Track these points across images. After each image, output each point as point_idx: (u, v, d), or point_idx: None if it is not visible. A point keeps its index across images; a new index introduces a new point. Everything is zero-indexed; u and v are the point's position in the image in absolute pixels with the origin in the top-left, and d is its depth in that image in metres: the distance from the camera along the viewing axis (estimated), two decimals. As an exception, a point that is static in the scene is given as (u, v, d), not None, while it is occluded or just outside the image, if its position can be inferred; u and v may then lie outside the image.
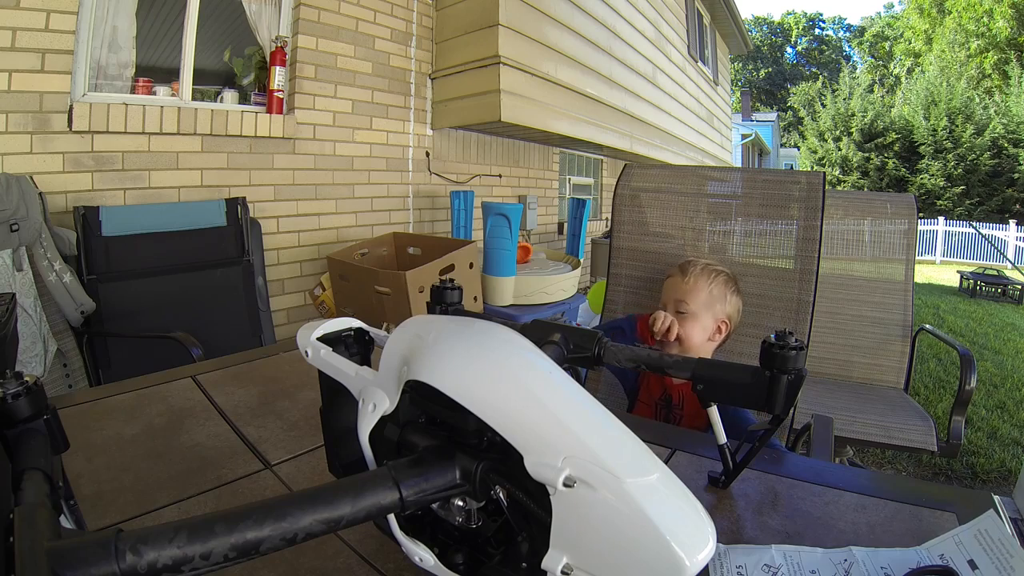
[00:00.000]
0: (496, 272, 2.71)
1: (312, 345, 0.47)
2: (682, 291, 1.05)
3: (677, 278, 1.07)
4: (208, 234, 2.11)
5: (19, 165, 1.81)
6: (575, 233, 3.52)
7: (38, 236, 1.64)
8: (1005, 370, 3.84)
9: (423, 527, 0.42)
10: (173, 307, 1.99)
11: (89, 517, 0.53)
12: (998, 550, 0.47)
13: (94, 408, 0.80)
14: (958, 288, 7.66)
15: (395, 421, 0.41)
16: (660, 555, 0.27)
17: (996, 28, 17.92)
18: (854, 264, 2.15)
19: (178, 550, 0.26)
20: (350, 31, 2.83)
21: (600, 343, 0.54)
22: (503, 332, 0.40)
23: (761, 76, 34.78)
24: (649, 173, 1.33)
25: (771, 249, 1.15)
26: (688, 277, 1.05)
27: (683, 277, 1.06)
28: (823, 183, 1.11)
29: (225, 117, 2.34)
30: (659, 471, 0.30)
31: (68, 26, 1.89)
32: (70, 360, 1.71)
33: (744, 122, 16.80)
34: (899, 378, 2.02)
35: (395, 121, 3.15)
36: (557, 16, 3.58)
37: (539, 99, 3.39)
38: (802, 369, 0.49)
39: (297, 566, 0.48)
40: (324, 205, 2.83)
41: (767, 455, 0.69)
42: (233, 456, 0.67)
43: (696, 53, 7.07)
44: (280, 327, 2.53)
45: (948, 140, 14.61)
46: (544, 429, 0.31)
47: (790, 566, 0.48)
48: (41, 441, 0.35)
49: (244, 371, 0.97)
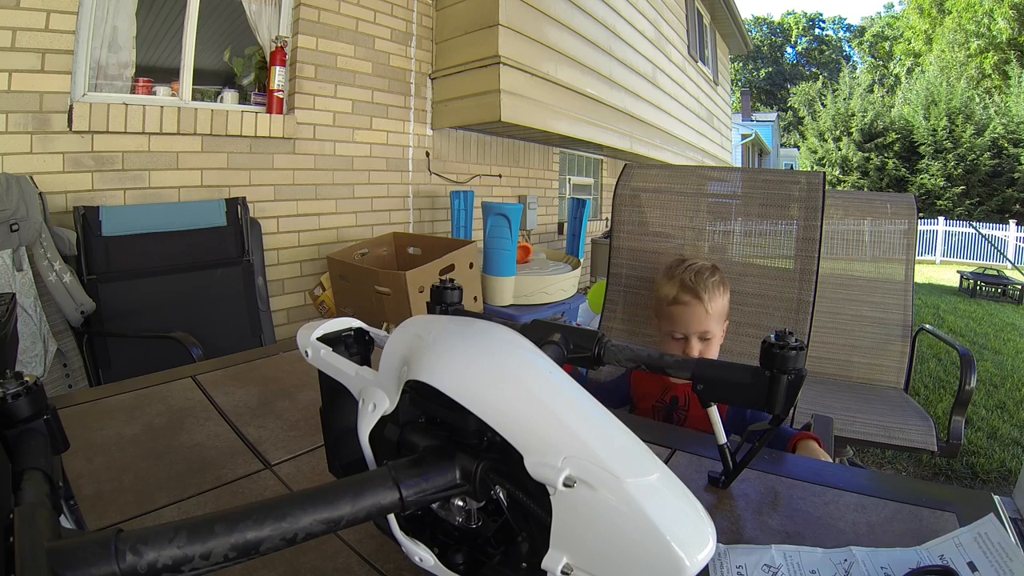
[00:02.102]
0: (496, 272, 2.71)
1: (312, 345, 0.47)
2: (706, 321, 0.97)
3: (696, 307, 0.97)
4: (208, 234, 2.11)
5: (19, 165, 1.81)
6: (575, 233, 3.53)
7: (38, 236, 1.64)
8: (1005, 370, 3.84)
9: (423, 527, 0.42)
10: (173, 307, 1.99)
11: (89, 517, 0.53)
12: (998, 554, 0.47)
13: (94, 408, 0.80)
14: (958, 288, 7.66)
15: (395, 421, 0.41)
16: (660, 555, 0.27)
17: (996, 28, 17.92)
18: (854, 264, 2.15)
19: (178, 550, 0.26)
20: (350, 31, 2.83)
21: (600, 343, 0.54)
22: (503, 332, 0.40)
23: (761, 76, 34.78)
24: (649, 173, 1.33)
25: (771, 249, 1.15)
26: (705, 303, 0.97)
27: (701, 303, 0.97)
28: (823, 183, 1.11)
29: (225, 117, 2.34)
30: (659, 471, 0.30)
31: (68, 26, 1.89)
32: (70, 360, 1.71)
33: (744, 122, 16.81)
34: (899, 378, 2.02)
35: (395, 121, 3.14)
36: (557, 16, 3.58)
37: (539, 99, 3.39)
38: (802, 369, 0.49)
39: (297, 566, 0.48)
40: (324, 205, 2.83)
41: (767, 455, 0.69)
42: (233, 456, 0.67)
43: (696, 53, 7.07)
44: (280, 327, 2.53)
45: (948, 140, 14.61)
46: (544, 429, 0.31)
47: (790, 566, 0.48)
48: (41, 441, 0.35)
49: (244, 371, 0.97)
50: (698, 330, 0.98)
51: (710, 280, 0.99)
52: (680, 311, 0.99)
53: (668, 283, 1.02)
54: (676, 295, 0.99)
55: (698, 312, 0.97)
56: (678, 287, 0.99)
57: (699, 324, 0.98)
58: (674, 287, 1.00)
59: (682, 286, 0.99)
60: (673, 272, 1.03)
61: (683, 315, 0.99)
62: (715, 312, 0.98)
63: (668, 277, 1.03)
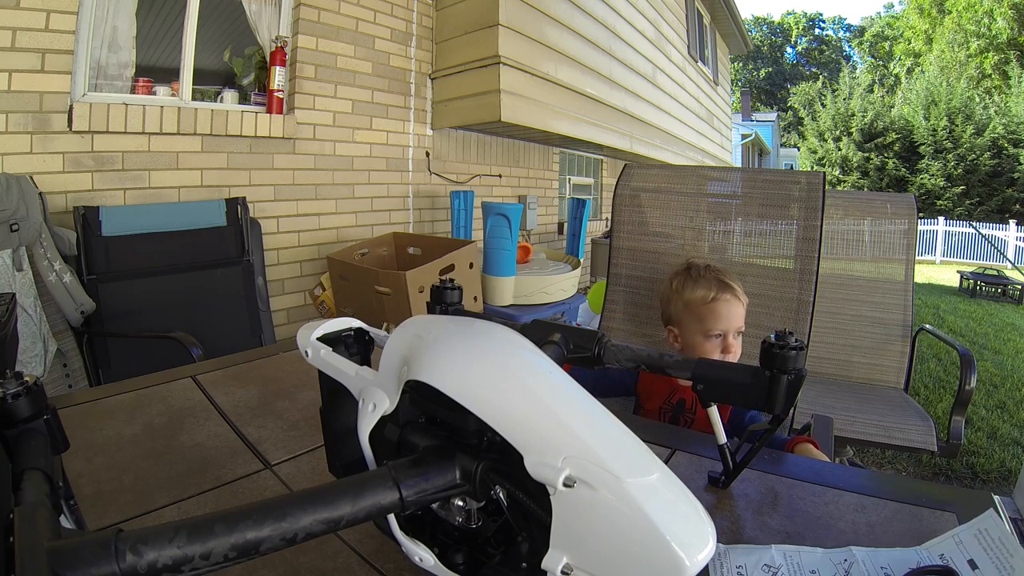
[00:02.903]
0: (496, 272, 2.71)
1: (312, 345, 0.47)
2: (741, 315, 1.00)
3: (734, 302, 1.00)
4: (208, 234, 2.11)
5: (19, 165, 1.81)
6: (575, 233, 3.53)
7: (38, 236, 1.64)
8: (1005, 370, 3.84)
9: (423, 527, 0.42)
10: (173, 307, 1.99)
11: (89, 517, 0.53)
12: (998, 550, 0.47)
13: (94, 408, 0.80)
14: (958, 288, 7.66)
15: (395, 421, 0.41)
16: (660, 555, 0.27)
17: (996, 28, 17.92)
18: (854, 264, 2.15)
19: (178, 550, 0.25)
20: (350, 31, 2.83)
21: (600, 343, 0.54)
22: (503, 332, 0.40)
23: (761, 76, 34.79)
24: (649, 173, 1.33)
25: (771, 249, 1.15)
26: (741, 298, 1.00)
27: (738, 299, 1.00)
28: (823, 183, 1.11)
29: (225, 117, 2.34)
30: (659, 471, 0.30)
31: (68, 26, 1.89)
32: (70, 360, 1.71)
33: (744, 122, 16.81)
34: (899, 378, 2.02)
35: (395, 121, 3.15)
36: (557, 16, 3.58)
37: (539, 99, 3.39)
38: (802, 369, 0.49)
39: (297, 566, 0.48)
40: (324, 205, 2.83)
41: (767, 455, 0.69)
42: (233, 456, 0.67)
43: (696, 53, 7.07)
44: (280, 327, 2.53)
45: (948, 140, 14.61)
46: (544, 429, 0.31)
47: (790, 566, 0.48)
48: (41, 441, 0.35)
49: (244, 371, 0.97)
50: (738, 325, 1.01)
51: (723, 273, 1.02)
52: (722, 308, 1.00)
53: (698, 285, 1.03)
54: (715, 294, 1.01)
55: (737, 307, 1.00)
56: (715, 286, 1.01)
57: (738, 318, 1.01)
58: (710, 287, 1.01)
59: (719, 284, 1.01)
60: (697, 274, 1.04)
61: (726, 312, 1.00)
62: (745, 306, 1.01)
63: (694, 280, 1.04)
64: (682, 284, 1.05)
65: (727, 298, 1.00)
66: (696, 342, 1.02)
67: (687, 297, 1.03)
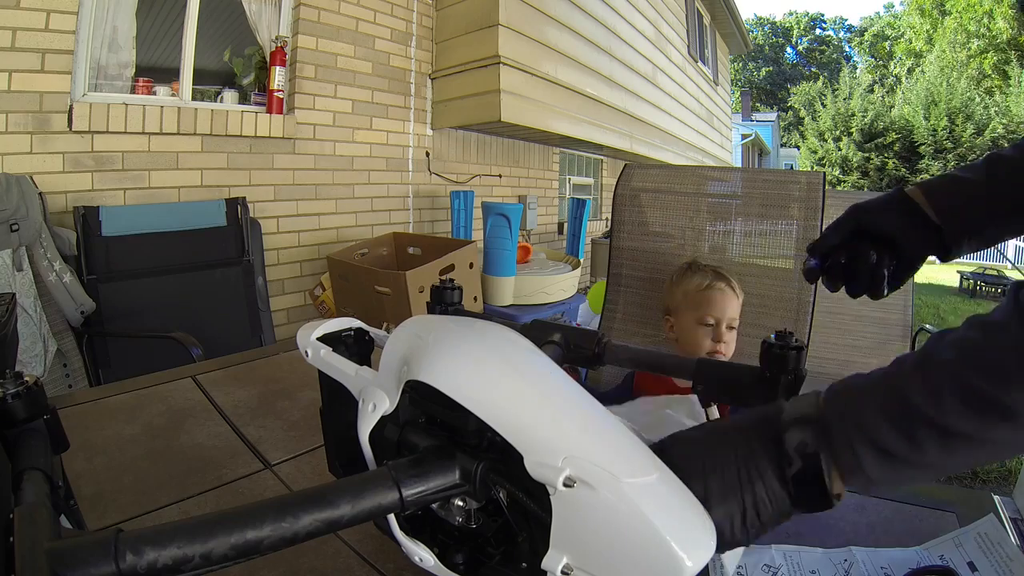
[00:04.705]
0: (496, 272, 2.71)
1: (312, 345, 0.47)
2: (735, 309, 1.02)
3: (728, 293, 1.02)
4: (208, 234, 2.11)
5: (19, 165, 1.81)
6: (575, 233, 3.53)
7: (38, 236, 1.64)
8: (1005, 370, 3.83)
9: (423, 527, 0.42)
10: (173, 307, 1.99)
11: (89, 517, 0.53)
12: (998, 554, 0.47)
13: (94, 408, 0.80)
14: (958, 288, 7.66)
15: (395, 421, 0.41)
16: (660, 555, 0.27)
17: (996, 29, 17.92)
18: (854, 264, 2.15)
19: (178, 550, 0.25)
20: (350, 31, 2.83)
21: (600, 343, 0.54)
22: (503, 332, 0.40)
23: (761, 76, 34.77)
24: (649, 173, 1.33)
25: (771, 249, 1.15)
26: (735, 291, 1.02)
27: (732, 291, 1.02)
28: (823, 183, 1.11)
29: (225, 117, 2.34)
30: (659, 471, 0.30)
31: (68, 26, 1.89)
32: (70, 360, 1.71)
33: (744, 122, 16.80)
34: (899, 378, 2.02)
35: (395, 121, 3.14)
36: (557, 16, 3.58)
37: (539, 99, 3.39)
38: (802, 369, 0.49)
39: (297, 566, 0.48)
40: (324, 205, 2.82)
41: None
42: (233, 456, 0.67)
43: (696, 53, 7.07)
44: (280, 327, 2.53)
45: (948, 140, 14.60)
46: (544, 429, 0.31)
47: (790, 566, 0.48)
48: (41, 441, 0.35)
49: (244, 371, 0.97)
50: (730, 316, 1.03)
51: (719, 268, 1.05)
52: (716, 296, 1.04)
53: (695, 275, 1.07)
54: (710, 283, 1.05)
55: (731, 298, 1.03)
56: (711, 276, 1.05)
57: (732, 310, 1.03)
58: (706, 276, 1.05)
59: (715, 274, 1.05)
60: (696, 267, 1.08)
61: (720, 300, 1.03)
62: (740, 303, 1.03)
63: (692, 272, 1.08)
64: (681, 275, 1.10)
65: (721, 287, 1.03)
66: (689, 328, 1.05)
67: (684, 285, 1.08)
